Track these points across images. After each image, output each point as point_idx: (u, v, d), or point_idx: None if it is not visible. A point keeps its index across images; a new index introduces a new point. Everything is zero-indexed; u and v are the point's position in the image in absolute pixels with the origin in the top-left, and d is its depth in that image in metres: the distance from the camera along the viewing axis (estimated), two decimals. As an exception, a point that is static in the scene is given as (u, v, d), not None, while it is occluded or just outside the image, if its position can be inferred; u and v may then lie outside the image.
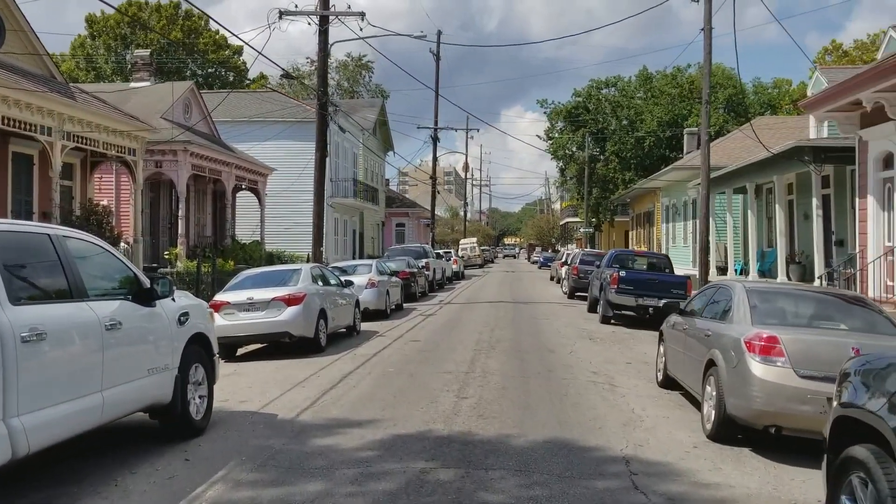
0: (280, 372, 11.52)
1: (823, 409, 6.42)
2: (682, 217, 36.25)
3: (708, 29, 20.06)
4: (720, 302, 8.39)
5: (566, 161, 56.56)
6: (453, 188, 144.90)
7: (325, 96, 23.15)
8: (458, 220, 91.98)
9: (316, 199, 23.04)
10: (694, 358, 8.30)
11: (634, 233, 50.91)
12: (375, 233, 49.42)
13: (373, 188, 44.42)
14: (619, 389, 10.01)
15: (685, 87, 50.75)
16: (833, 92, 15.80)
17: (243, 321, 13.06)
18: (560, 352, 13.56)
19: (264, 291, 13.43)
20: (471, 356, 12.70)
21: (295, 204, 33.91)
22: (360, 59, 63.58)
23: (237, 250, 27.91)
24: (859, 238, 16.79)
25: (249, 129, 34.15)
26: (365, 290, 19.35)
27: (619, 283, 18.27)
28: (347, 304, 15.95)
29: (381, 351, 13.55)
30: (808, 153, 18.99)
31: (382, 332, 16.74)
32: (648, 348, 14.46)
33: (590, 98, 54.05)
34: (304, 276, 14.17)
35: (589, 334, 16.50)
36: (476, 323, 18.35)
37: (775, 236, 26.44)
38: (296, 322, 13.12)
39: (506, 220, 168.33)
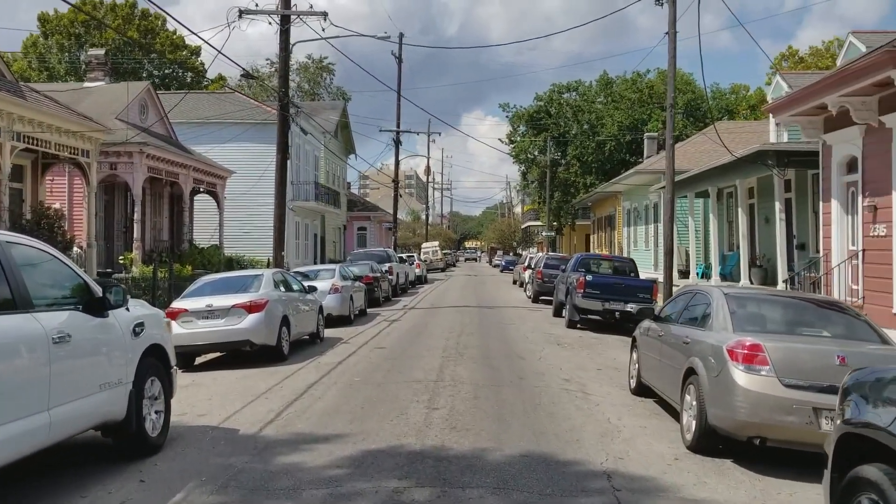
0: (241, 382, 11.07)
1: (809, 420, 6.24)
2: (643, 221, 36.40)
3: (672, 32, 20.03)
4: (698, 308, 8.19)
5: (528, 165, 56.60)
6: (414, 192, 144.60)
7: (286, 97, 22.66)
8: (419, 224, 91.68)
9: (277, 202, 22.53)
10: (671, 366, 8.08)
11: (596, 236, 51.09)
12: (337, 237, 48.85)
13: (334, 191, 43.88)
14: (593, 397, 9.77)
15: (645, 92, 51.11)
16: (799, 96, 15.82)
17: (202, 329, 12.56)
18: (529, 358, 13.30)
19: (224, 298, 12.95)
20: (439, 364, 12.37)
21: (255, 207, 33.27)
22: (321, 62, 62.94)
23: (195, 255, 27.23)
24: (823, 242, 16.85)
25: (208, 130, 33.41)
26: (328, 295, 18.91)
27: (585, 287, 18.11)
28: (310, 311, 15.52)
29: (347, 359, 13.16)
30: (771, 157, 19.06)
31: (347, 338, 16.33)
32: (617, 354, 14.30)
33: (551, 102, 54.17)
34: (265, 281, 13.72)
35: (557, 339, 16.29)
36: (442, 328, 18.03)
37: (737, 240, 26.62)
38: (257, 330, 12.66)
39: (467, 224, 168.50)
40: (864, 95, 14.11)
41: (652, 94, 50.95)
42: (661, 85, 51.34)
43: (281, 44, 22.55)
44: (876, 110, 14.20)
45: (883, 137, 14.08)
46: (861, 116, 14.36)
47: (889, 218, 13.91)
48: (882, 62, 12.12)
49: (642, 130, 49.33)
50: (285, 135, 22.73)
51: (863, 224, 14.93)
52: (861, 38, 21.58)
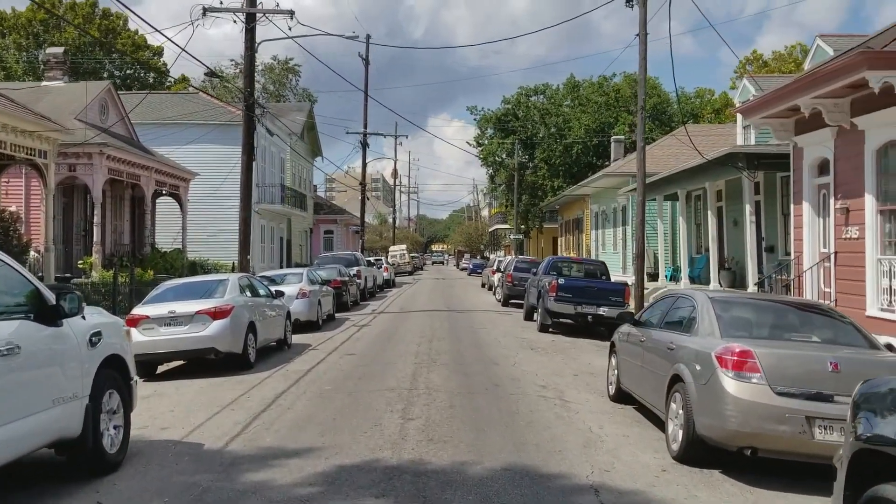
0: (205, 393, 10.61)
1: (802, 429, 6.02)
2: (611, 224, 36.40)
3: (643, 34, 19.94)
4: (681, 312, 7.96)
5: (496, 168, 56.48)
6: (381, 194, 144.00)
7: (251, 97, 22.15)
8: (386, 227, 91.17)
9: (242, 204, 22.00)
10: (655, 372, 7.83)
11: (563, 239, 51.08)
12: (303, 240, 48.21)
13: (301, 194, 43.27)
14: (572, 405, 9.50)
15: (611, 95, 51.28)
16: (771, 97, 15.77)
17: (164, 337, 12.06)
18: (503, 364, 13.02)
19: (188, 304, 12.46)
20: (412, 370, 12.03)
21: (219, 210, 32.59)
22: (287, 63, 62.14)
23: (157, 259, 26.55)
24: (794, 244, 16.83)
25: (171, 131, 32.67)
26: (295, 300, 18.45)
27: (557, 290, 17.89)
28: (278, 317, 15.07)
29: (316, 366, 12.74)
30: (741, 160, 19.04)
31: (315, 344, 15.90)
32: (592, 358, 14.08)
33: (519, 105, 54.12)
34: (230, 286, 13.25)
35: (530, 344, 16.03)
36: (413, 333, 17.68)
37: (705, 243, 26.65)
38: (223, 337, 12.19)
39: (433, 227, 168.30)
40: (837, 97, 14.09)
41: (618, 98, 51.14)
42: (627, 88, 51.58)
43: (246, 42, 22.05)
44: (848, 112, 14.19)
45: (855, 139, 14.06)
46: (833, 118, 14.34)
47: (861, 220, 13.88)
48: (856, 63, 12.06)
49: (609, 134, 49.50)
50: (251, 136, 22.21)
51: (835, 226, 14.90)
52: (828, 42, 21.70)
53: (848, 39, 22.06)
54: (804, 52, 52.63)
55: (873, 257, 13.55)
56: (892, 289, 13.11)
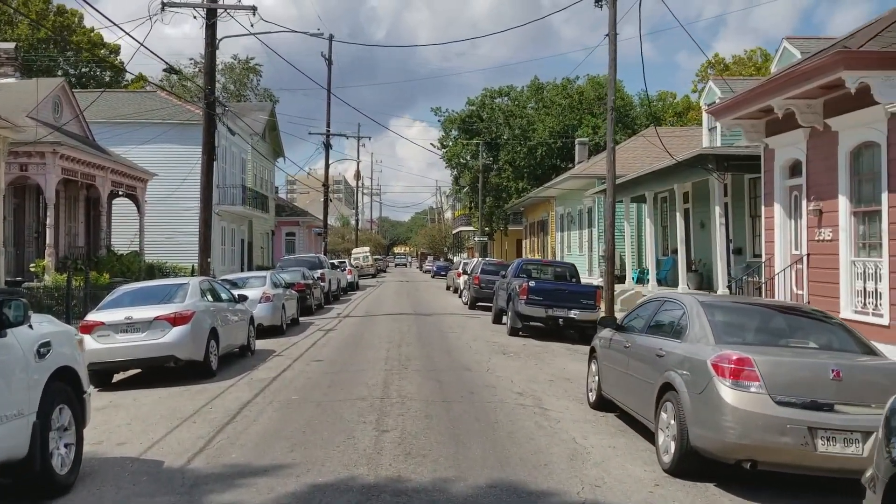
0: (165, 403, 10.03)
1: (805, 441, 5.71)
2: (577, 225, 36.29)
3: (613, 34, 19.73)
4: (669, 317, 7.63)
5: (460, 169, 56.16)
6: (343, 196, 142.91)
7: (212, 95, 21.48)
8: (348, 230, 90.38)
9: (203, 205, 21.31)
10: (642, 380, 7.50)
11: (528, 241, 50.95)
12: (265, 242, 47.34)
13: (262, 195, 42.46)
14: (552, 413, 9.13)
15: (575, 98, 51.30)
16: (743, 98, 15.63)
17: (121, 344, 11.43)
18: (477, 369, 12.63)
19: (146, 309, 11.84)
20: (383, 378, 11.57)
21: (178, 212, 31.73)
22: (248, 62, 61.10)
23: (113, 262, 25.69)
24: (765, 246, 16.72)
25: (128, 130, 31.75)
26: (259, 304, 17.86)
27: (528, 293, 17.56)
28: (241, 321, 14.49)
29: (282, 374, 12.21)
30: (711, 161, 18.92)
31: (280, 350, 15.34)
32: (566, 363, 13.77)
33: (483, 107, 53.89)
34: (191, 290, 12.65)
35: (501, 348, 15.67)
36: (381, 338, 17.20)
37: (672, 245, 26.60)
38: (183, 344, 11.60)
39: (396, 230, 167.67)
40: (810, 98, 13.98)
41: (582, 101, 51.19)
42: (590, 91, 51.69)
43: (207, 39, 21.39)
44: (821, 113, 14.09)
45: (828, 141, 13.97)
46: (806, 119, 14.23)
47: (835, 222, 13.78)
48: (833, 63, 11.91)
49: (572, 136, 49.51)
50: (212, 135, 21.55)
51: (807, 228, 14.81)
52: (794, 44, 21.73)
53: (815, 42, 22.14)
54: (764, 56, 53.35)
55: (847, 259, 13.45)
56: (867, 291, 13.01)
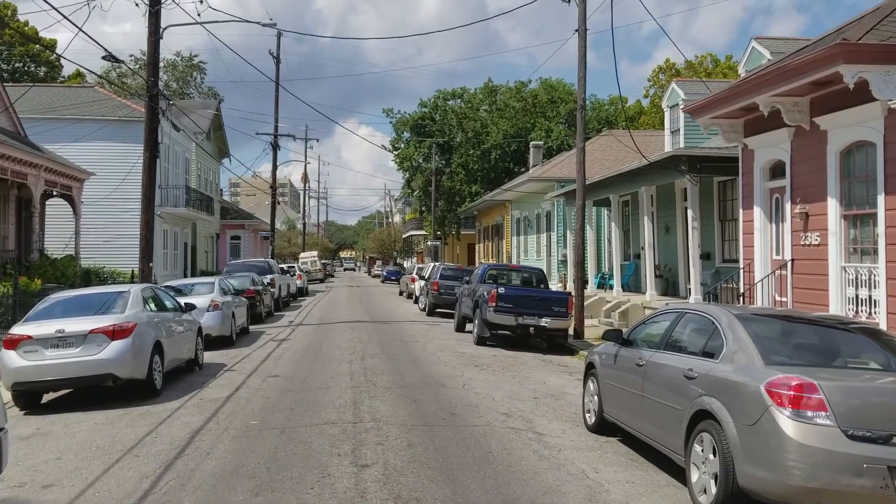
0: (102, 431, 8.70)
1: (885, 483, 4.79)
2: (534, 230, 35.53)
3: (583, 30, 18.91)
4: (696, 332, 6.68)
5: (412, 172, 55.02)
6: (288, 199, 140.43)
7: (156, 87, 19.96)
8: (294, 234, 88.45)
9: (144, 206, 19.78)
10: (665, 405, 6.53)
11: (482, 246, 50.10)
12: (209, 246, 45.44)
13: (207, 197, 40.64)
14: (549, 439, 8.11)
15: (529, 101, 50.67)
16: (725, 95, 14.89)
17: (51, 361, 10.03)
18: (452, 385, 11.55)
19: (80, 321, 10.45)
20: (351, 396, 10.39)
21: (117, 213, 29.91)
22: (192, 59, 58.98)
23: (46, 267, 23.86)
24: (744, 251, 16.02)
25: (64, 127, 29.82)
26: (206, 313, 16.49)
27: (497, 300, 16.55)
28: (188, 333, 13.12)
29: (236, 392, 10.93)
30: (684, 162, 18.22)
31: (231, 364, 14.02)
32: (544, 376, 12.80)
33: (436, 109, 52.89)
34: (133, 299, 11.28)
35: (472, 360, 14.62)
36: (341, 349, 15.98)
37: (636, 249, 25.97)
38: (123, 360, 10.24)
39: (342, 234, 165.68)
40: (797, 96, 13.31)
41: (535, 104, 50.61)
42: (544, 94, 51.12)
43: (150, 27, 19.86)
44: (807, 112, 13.43)
45: (815, 140, 13.31)
46: (792, 118, 13.55)
47: (823, 225, 13.12)
48: (831, 56, 11.19)
49: (526, 139, 48.86)
50: (154, 130, 20.03)
51: (792, 232, 14.13)
52: (764, 44, 21.25)
53: (783, 42, 21.72)
54: (714, 62, 53.62)
55: (837, 264, 12.79)
56: (859, 298, 12.36)
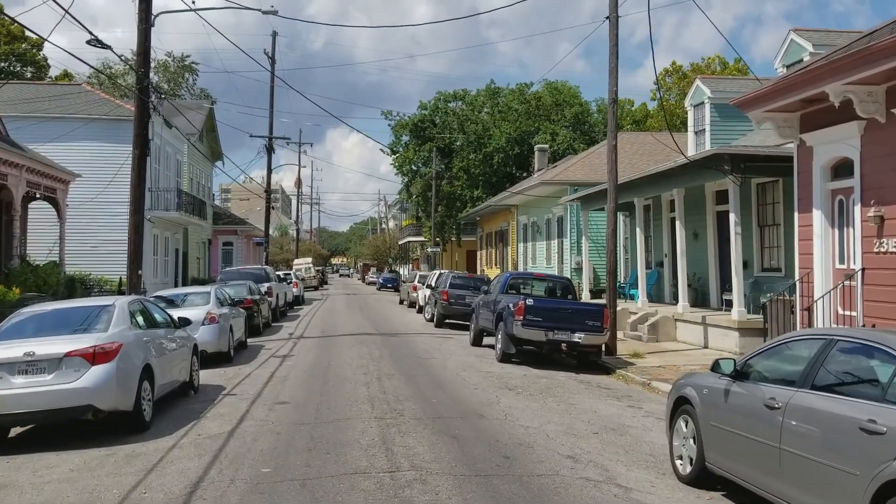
0: (79, 480, 7.00)
1: None
2: (544, 236, 33.91)
3: (614, 17, 17.33)
4: (867, 369, 5.06)
5: (411, 177, 53.32)
6: (279, 205, 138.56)
7: (146, 79, 18.28)
8: (287, 240, 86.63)
9: (133, 208, 18.08)
10: (825, 466, 4.90)
11: (484, 252, 48.45)
12: (201, 252, 43.62)
13: (200, 201, 38.84)
14: (638, 496, 6.47)
15: (532, 103, 49.14)
16: (784, 85, 13.32)
17: (17, 390, 8.32)
18: (490, 414, 9.91)
19: (54, 342, 8.75)
20: (378, 432, 8.72)
21: (104, 218, 28.15)
22: (184, 60, 57.21)
23: (27, 274, 22.05)
24: (800, 260, 14.42)
25: (47, 126, 28.08)
26: (202, 327, 14.81)
27: (525, 313, 14.89)
28: (181, 352, 11.42)
29: (240, 426, 9.24)
30: (726, 162, 16.63)
31: (231, 387, 12.32)
32: (593, 404, 11.16)
33: (437, 111, 51.28)
34: (118, 315, 9.57)
35: (501, 381, 12.98)
36: (352, 368, 14.29)
37: (659, 257, 24.40)
38: (105, 389, 8.54)
39: (334, 240, 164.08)
40: (872, 84, 11.78)
41: (540, 106, 49.09)
42: (548, 97, 49.61)
43: (140, 13, 18.20)
44: (883, 102, 11.88)
45: (892, 135, 11.77)
46: (866, 109, 11.98)
47: (902, 230, 11.59)
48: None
49: (529, 143, 47.33)
50: (145, 126, 18.35)
51: (862, 238, 12.54)
52: (804, 35, 19.76)
53: (825, 34, 20.23)
54: (723, 64, 52.28)
55: (923, 275, 11.24)
56: (951, 313, 10.81)
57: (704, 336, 18.08)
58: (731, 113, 23.88)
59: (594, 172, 29.71)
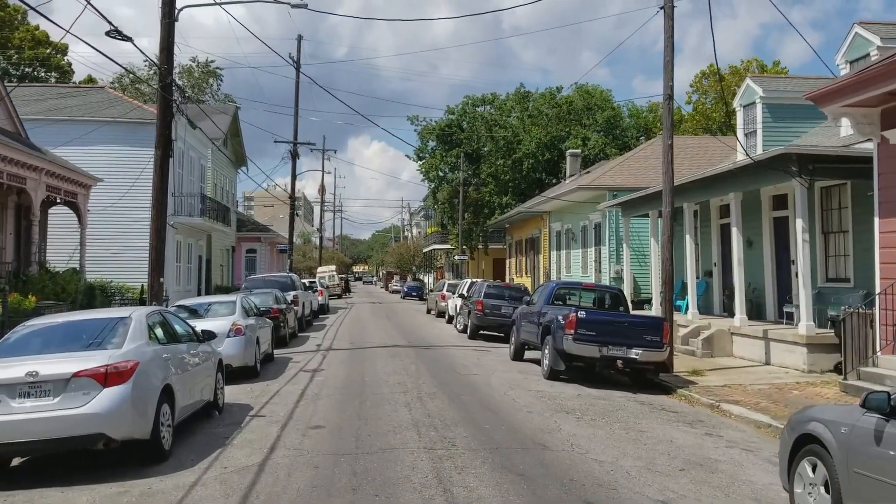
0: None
1: None
2: (579, 243, 32.58)
3: (669, 7, 16.11)
4: None
5: (438, 183, 52.15)
6: (301, 213, 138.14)
7: (169, 75, 17.31)
8: (309, 248, 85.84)
9: (155, 213, 17.09)
10: None
11: (513, 261, 47.15)
12: (225, 260, 42.74)
13: (224, 206, 37.95)
14: (765, 559, 5.25)
15: (563, 107, 47.85)
16: (867, 76, 12.03)
17: (18, 416, 7.23)
18: (553, 444, 8.69)
19: (61, 360, 7.67)
20: (430, 466, 7.52)
21: (126, 223, 27.26)
22: (208, 65, 56.54)
23: (45, 281, 21.16)
24: (882, 270, 13.06)
25: (68, 129, 27.28)
26: (227, 339, 13.74)
27: (577, 327, 13.65)
28: (205, 368, 10.30)
29: (271, 456, 8.08)
30: (793, 162, 15.30)
31: (258, 406, 11.20)
32: (663, 429, 9.89)
33: (464, 116, 50.11)
34: (134, 328, 8.48)
35: (554, 402, 11.74)
36: (388, 385, 13.12)
37: (709, 265, 23.03)
38: (119, 415, 7.44)
39: (356, 248, 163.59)
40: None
41: (571, 111, 47.81)
42: (579, 101, 48.32)
43: (164, 8, 17.26)
44: None
45: None
46: (969, 101, 10.70)
47: None
48: None
49: (559, 148, 46.05)
50: (168, 125, 17.37)
51: (961, 246, 11.24)
52: (871, 29, 18.40)
53: (893, 28, 18.87)
54: (761, 67, 50.66)
55: None
56: None
57: (766, 351, 16.71)
58: (784, 113, 22.57)
59: (634, 177, 28.43)
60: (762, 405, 11.90)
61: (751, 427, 10.54)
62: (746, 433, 10.14)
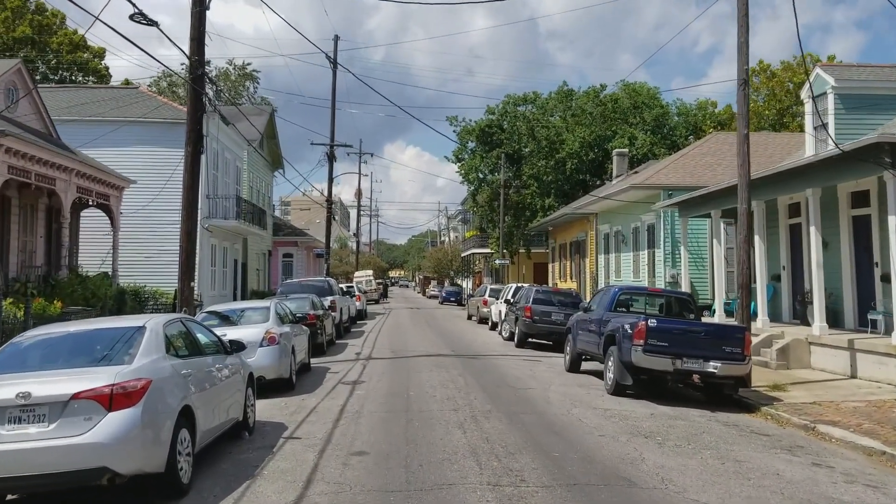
0: None
1: None
2: (630, 247, 30.95)
3: (743, -16, 14.64)
4: None
5: (478, 185, 50.77)
6: (338, 217, 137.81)
7: (200, 67, 16.25)
8: (346, 252, 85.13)
9: (186, 213, 16.05)
10: None
11: (557, 265, 45.56)
12: (261, 264, 41.85)
13: (260, 209, 37.03)
14: None
15: (608, 106, 46.20)
16: None
17: (5, 445, 6.04)
18: (642, 481, 7.28)
19: (58, 378, 6.46)
20: (500, 513, 6.20)
21: (160, 225, 26.35)
22: (244, 68, 55.99)
23: (74, 285, 20.27)
24: None
25: (99, 129, 26.47)
26: (260, 349, 12.56)
27: (647, 337, 12.19)
28: (233, 383, 9.07)
29: (308, 492, 6.79)
30: (887, 153, 13.67)
31: (293, 426, 9.94)
32: (761, 459, 8.42)
33: (505, 115, 48.67)
34: (148, 340, 7.26)
35: (628, 423, 10.31)
36: (437, 401, 11.79)
37: (777, 269, 21.35)
38: (126, 445, 6.20)
39: (392, 253, 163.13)
40: None
41: (616, 109, 46.14)
42: (625, 99, 46.67)
43: (194, -6, 16.23)
44: None
45: None
46: None
47: None
48: None
49: (604, 148, 44.44)
50: (199, 120, 16.34)
51: None
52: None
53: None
54: (815, 61, 48.52)
55: None
56: None
57: (851, 363, 15.06)
58: (857, 104, 20.84)
59: (690, 176, 26.81)
60: (865, 427, 10.36)
61: (860, 454, 9.03)
62: (858, 462, 8.64)
